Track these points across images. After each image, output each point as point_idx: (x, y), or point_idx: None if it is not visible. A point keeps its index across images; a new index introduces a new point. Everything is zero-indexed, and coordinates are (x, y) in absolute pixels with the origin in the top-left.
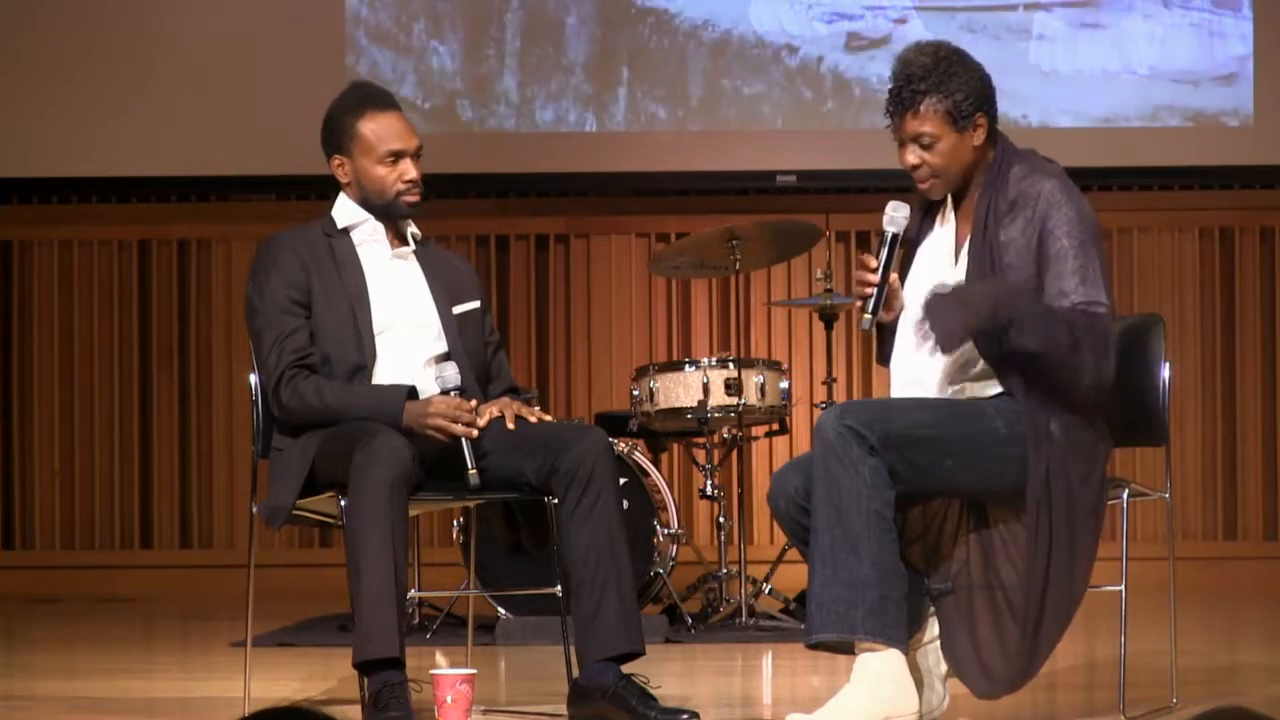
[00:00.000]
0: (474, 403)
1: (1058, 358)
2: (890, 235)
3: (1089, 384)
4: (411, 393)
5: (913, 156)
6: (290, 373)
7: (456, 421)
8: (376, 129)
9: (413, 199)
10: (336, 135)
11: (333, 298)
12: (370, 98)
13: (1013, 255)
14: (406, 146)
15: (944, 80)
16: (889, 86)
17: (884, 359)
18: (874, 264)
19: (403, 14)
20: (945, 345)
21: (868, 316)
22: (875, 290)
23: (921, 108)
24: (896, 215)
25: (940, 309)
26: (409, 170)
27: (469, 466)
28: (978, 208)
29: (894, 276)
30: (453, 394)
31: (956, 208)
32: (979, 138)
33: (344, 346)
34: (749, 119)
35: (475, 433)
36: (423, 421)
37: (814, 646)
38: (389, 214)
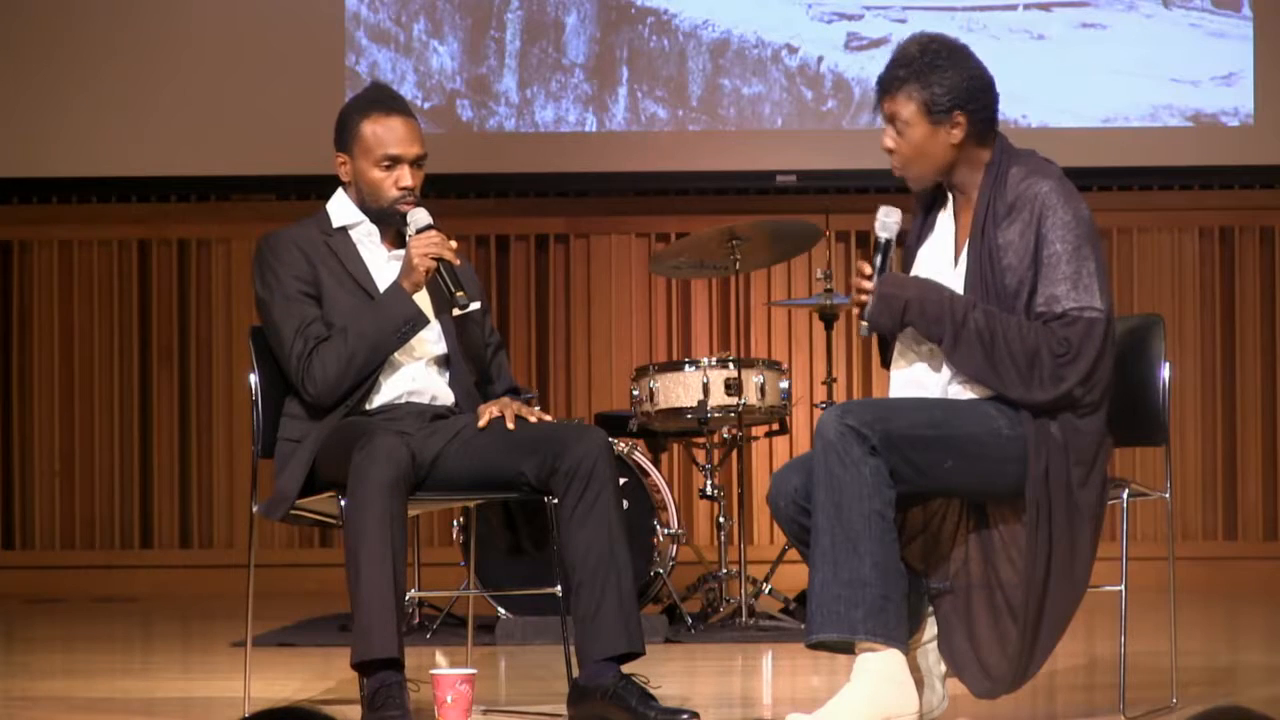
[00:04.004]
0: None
1: (1007, 377)
2: (884, 240)
3: (1069, 390)
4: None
5: (889, 139)
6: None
7: (433, 246)
8: (377, 131)
9: (406, 208)
10: (342, 133)
11: (343, 287)
12: (379, 100)
13: (1011, 257)
14: (404, 153)
15: (926, 71)
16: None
17: (888, 363)
18: (869, 270)
19: (403, 14)
20: (870, 329)
21: (865, 324)
22: (872, 297)
23: (899, 93)
24: (888, 220)
25: (881, 302)
26: (404, 177)
27: (453, 290)
28: (976, 209)
29: None
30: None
31: (956, 209)
32: (956, 137)
33: None
34: (749, 119)
35: (456, 259)
36: (412, 265)
37: (814, 646)
38: (383, 218)
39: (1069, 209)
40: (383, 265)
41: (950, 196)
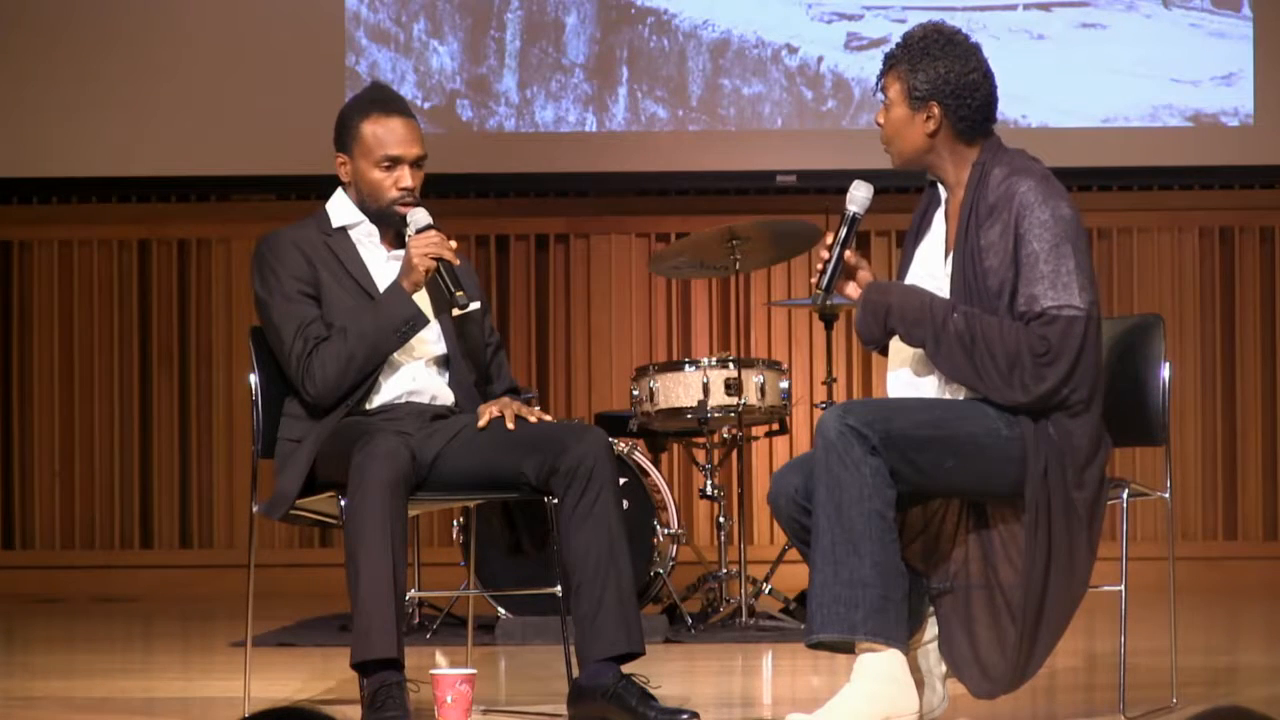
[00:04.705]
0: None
1: (988, 379)
2: (851, 214)
3: (1051, 390)
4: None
5: (880, 115)
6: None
7: (433, 246)
8: (377, 132)
9: (405, 208)
10: (342, 133)
11: (343, 288)
12: (379, 101)
13: (992, 259)
14: (404, 153)
15: (917, 58)
16: None
17: (867, 342)
18: (830, 240)
19: (403, 14)
20: (864, 343)
21: (819, 292)
22: (829, 265)
23: (892, 72)
24: (857, 194)
25: (865, 311)
26: (404, 178)
27: (453, 290)
28: (961, 210)
29: (850, 253)
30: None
31: (948, 208)
32: (929, 127)
33: None
34: (749, 119)
35: (456, 259)
36: (412, 265)
37: (814, 646)
38: (383, 219)
39: (1046, 208)
40: (382, 265)
41: (944, 194)
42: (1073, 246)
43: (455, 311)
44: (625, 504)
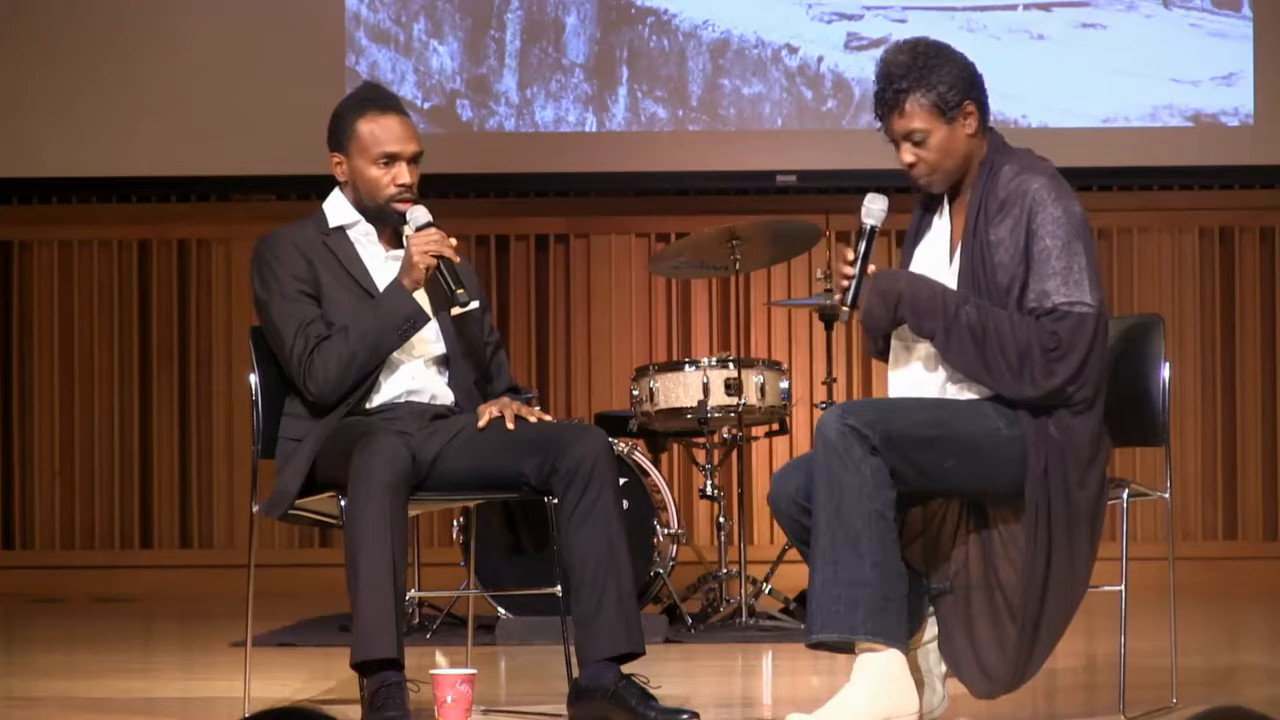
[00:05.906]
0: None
1: (998, 372)
2: (869, 227)
3: (1060, 386)
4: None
5: (908, 155)
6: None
7: (433, 244)
8: (374, 130)
9: (403, 206)
10: (337, 133)
11: (343, 288)
12: (374, 100)
13: (1002, 254)
14: (401, 150)
15: (925, 75)
16: (874, 90)
17: (876, 352)
18: (851, 255)
19: (403, 14)
20: (868, 330)
21: (845, 309)
22: (853, 281)
23: (907, 106)
24: (873, 207)
25: (875, 296)
26: (402, 174)
27: (454, 288)
28: (969, 207)
29: (872, 267)
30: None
31: (952, 207)
32: (970, 126)
33: None
34: (749, 119)
35: (456, 257)
36: (413, 262)
37: (814, 646)
38: (381, 217)
39: (1059, 205)
40: (381, 264)
41: (945, 195)
42: (1084, 244)
43: (455, 310)
44: (625, 504)
